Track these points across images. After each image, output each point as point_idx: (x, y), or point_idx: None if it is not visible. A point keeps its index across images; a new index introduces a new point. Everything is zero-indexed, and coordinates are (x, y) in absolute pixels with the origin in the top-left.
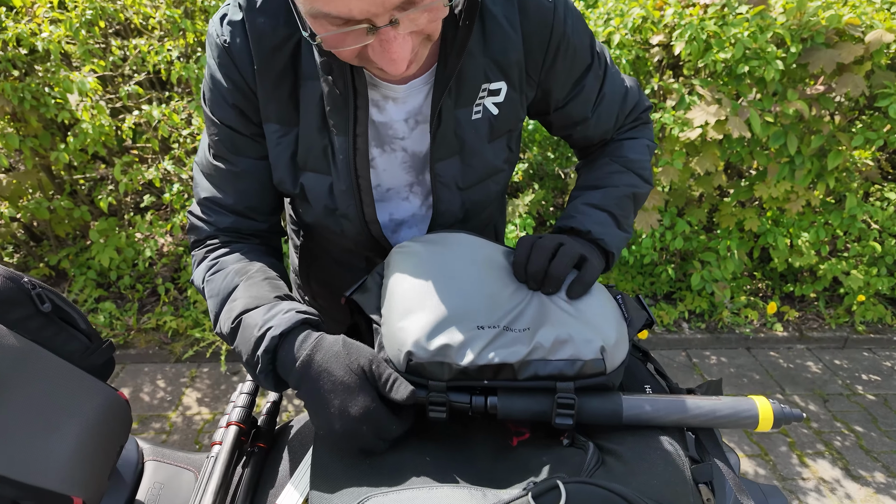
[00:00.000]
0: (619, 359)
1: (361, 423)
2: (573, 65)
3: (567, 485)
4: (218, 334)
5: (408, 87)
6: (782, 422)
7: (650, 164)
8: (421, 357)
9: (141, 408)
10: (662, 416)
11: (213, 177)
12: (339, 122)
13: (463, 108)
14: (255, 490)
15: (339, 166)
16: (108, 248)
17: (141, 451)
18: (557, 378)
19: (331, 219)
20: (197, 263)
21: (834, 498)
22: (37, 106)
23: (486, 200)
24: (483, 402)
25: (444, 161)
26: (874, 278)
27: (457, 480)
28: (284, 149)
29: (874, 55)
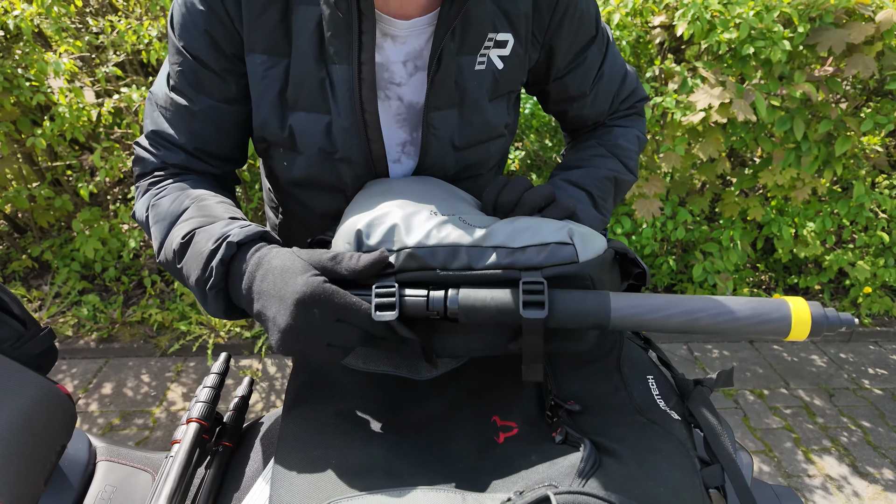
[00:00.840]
0: (593, 251)
1: (310, 304)
2: (578, 32)
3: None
4: (161, 263)
5: (410, 25)
6: (823, 329)
7: (637, 156)
8: (369, 245)
9: (124, 403)
10: (663, 317)
11: (167, 111)
12: (341, 48)
13: (467, 55)
14: (219, 492)
15: (339, 101)
16: (91, 239)
17: (93, 451)
18: (521, 268)
19: (326, 166)
20: (141, 195)
21: (841, 496)
22: (10, 88)
23: (482, 165)
24: (442, 297)
25: (440, 112)
26: (881, 269)
27: (433, 482)
28: (271, 83)
29: (885, 35)
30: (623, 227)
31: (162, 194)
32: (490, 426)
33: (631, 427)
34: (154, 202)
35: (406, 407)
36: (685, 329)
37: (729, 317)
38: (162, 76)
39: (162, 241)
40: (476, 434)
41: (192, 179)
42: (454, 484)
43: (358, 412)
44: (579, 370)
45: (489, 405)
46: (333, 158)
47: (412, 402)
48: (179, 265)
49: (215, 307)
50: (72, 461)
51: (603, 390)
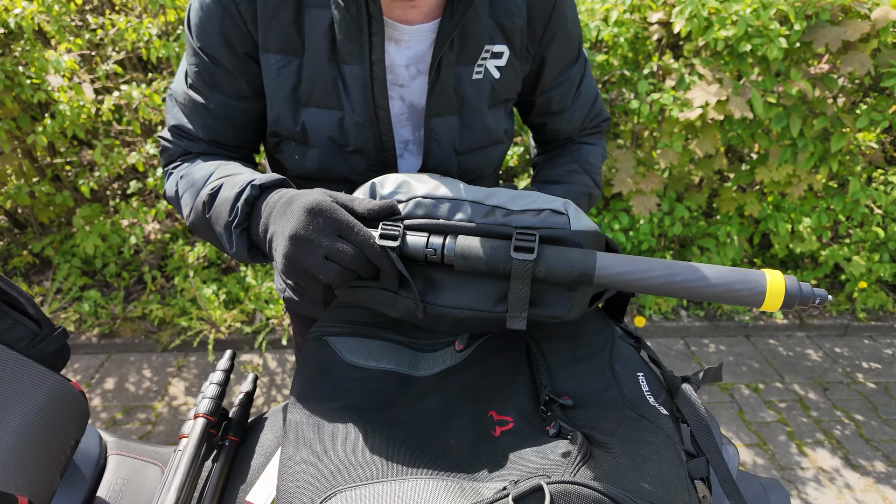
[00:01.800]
0: (584, 225)
1: (316, 212)
2: (565, 50)
3: (551, 485)
4: (192, 224)
5: (413, 30)
6: (796, 301)
7: (601, 169)
8: (382, 194)
9: (126, 398)
10: (645, 276)
11: (185, 107)
12: (352, 50)
13: (464, 65)
14: (226, 485)
15: (353, 98)
16: (92, 235)
17: (104, 445)
18: (516, 227)
19: (338, 158)
20: (168, 176)
21: (833, 488)
22: (11, 86)
23: (483, 169)
24: (441, 241)
25: (441, 118)
26: (876, 264)
27: (432, 472)
28: (285, 80)
29: (880, 33)
30: (621, 223)
31: (190, 166)
32: (487, 420)
33: (621, 421)
34: (184, 174)
35: (406, 402)
36: (664, 289)
37: (706, 281)
38: (180, 74)
39: (192, 203)
40: (473, 428)
41: (219, 155)
42: (452, 474)
43: (359, 407)
44: (573, 368)
45: (486, 401)
46: (345, 151)
47: (411, 398)
48: (208, 215)
49: (238, 246)
50: (84, 455)
51: (595, 387)
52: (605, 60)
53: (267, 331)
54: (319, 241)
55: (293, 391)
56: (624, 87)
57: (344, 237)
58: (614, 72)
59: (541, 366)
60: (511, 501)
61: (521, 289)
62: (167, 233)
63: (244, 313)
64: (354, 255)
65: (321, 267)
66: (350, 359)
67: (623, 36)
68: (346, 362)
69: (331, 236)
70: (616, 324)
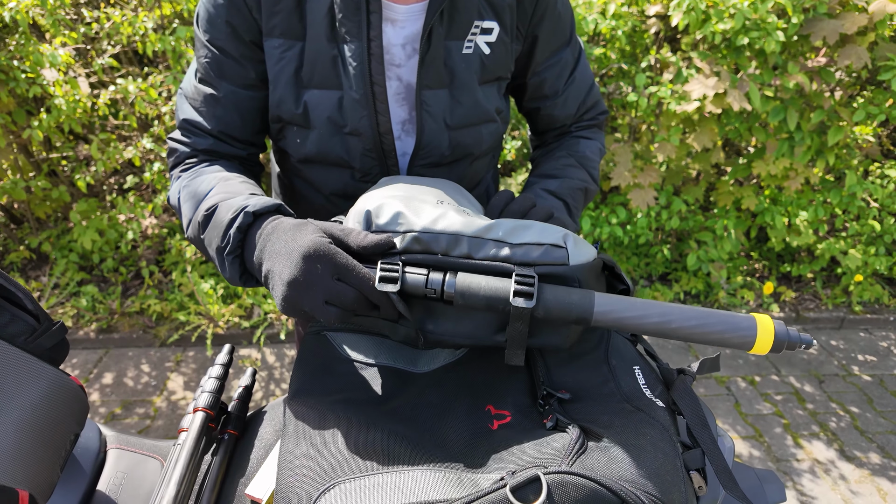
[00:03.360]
0: (584, 257)
1: (314, 258)
2: (556, 31)
3: (548, 475)
4: (189, 239)
5: (407, 10)
6: (784, 345)
7: (599, 165)
8: (378, 224)
9: (125, 393)
10: (640, 320)
11: (195, 101)
12: (351, 27)
13: (454, 39)
14: (225, 479)
15: (351, 75)
16: (89, 230)
17: (103, 439)
18: (516, 263)
19: (335, 140)
20: (174, 181)
21: (828, 479)
22: (6, 81)
23: (474, 147)
24: (441, 279)
25: (432, 90)
26: (872, 258)
27: (430, 463)
28: (287, 64)
29: (878, 26)
30: (618, 217)
31: (192, 176)
32: (484, 415)
33: (618, 414)
34: (186, 184)
35: (404, 397)
36: (659, 332)
37: (699, 322)
38: (190, 73)
39: (190, 217)
40: (471, 422)
41: (221, 164)
42: (450, 466)
43: (358, 401)
44: (570, 363)
45: (483, 396)
46: (343, 132)
47: (410, 394)
48: (202, 236)
49: (231, 273)
50: (84, 449)
51: (592, 381)
52: (602, 54)
53: (265, 325)
54: (319, 285)
55: (292, 385)
56: (622, 80)
57: (343, 280)
58: (612, 65)
59: (538, 361)
60: (508, 492)
61: (520, 328)
62: (164, 228)
63: (242, 308)
64: (354, 297)
65: (321, 310)
66: (349, 354)
67: (621, 29)
68: (344, 357)
69: (330, 280)
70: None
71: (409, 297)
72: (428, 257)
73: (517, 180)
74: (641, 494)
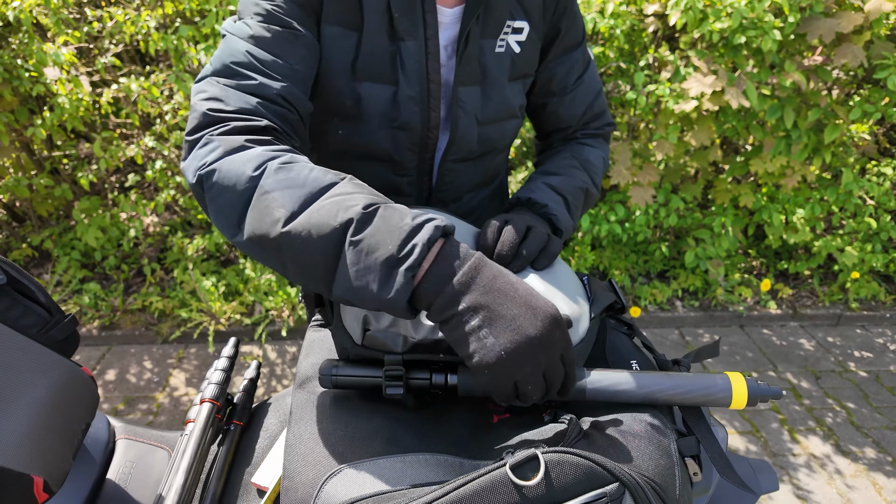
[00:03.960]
0: (579, 334)
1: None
2: (569, 30)
3: (546, 455)
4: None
5: (452, 13)
6: (757, 399)
7: (602, 176)
8: (377, 327)
9: (128, 389)
10: (629, 391)
11: (263, 40)
12: (409, 27)
13: (488, 38)
14: (231, 468)
15: (408, 71)
16: (92, 228)
17: (112, 430)
18: None
19: (383, 133)
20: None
21: (824, 473)
22: (9, 79)
23: (500, 142)
24: (443, 379)
25: (466, 87)
26: (869, 255)
27: (433, 451)
28: (344, 54)
29: (874, 24)
30: (617, 215)
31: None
32: (484, 410)
33: (615, 407)
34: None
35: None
36: (648, 400)
37: (682, 390)
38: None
39: (303, 204)
40: (472, 416)
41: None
42: (452, 452)
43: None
44: None
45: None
46: (392, 126)
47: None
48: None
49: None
50: (94, 439)
51: None
52: (601, 52)
53: (266, 322)
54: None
55: (299, 374)
56: (620, 78)
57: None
58: (610, 63)
59: None
60: (508, 469)
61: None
62: (166, 225)
63: (244, 305)
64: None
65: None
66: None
67: (619, 28)
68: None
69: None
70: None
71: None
72: (429, 356)
73: (517, 178)
74: (636, 476)
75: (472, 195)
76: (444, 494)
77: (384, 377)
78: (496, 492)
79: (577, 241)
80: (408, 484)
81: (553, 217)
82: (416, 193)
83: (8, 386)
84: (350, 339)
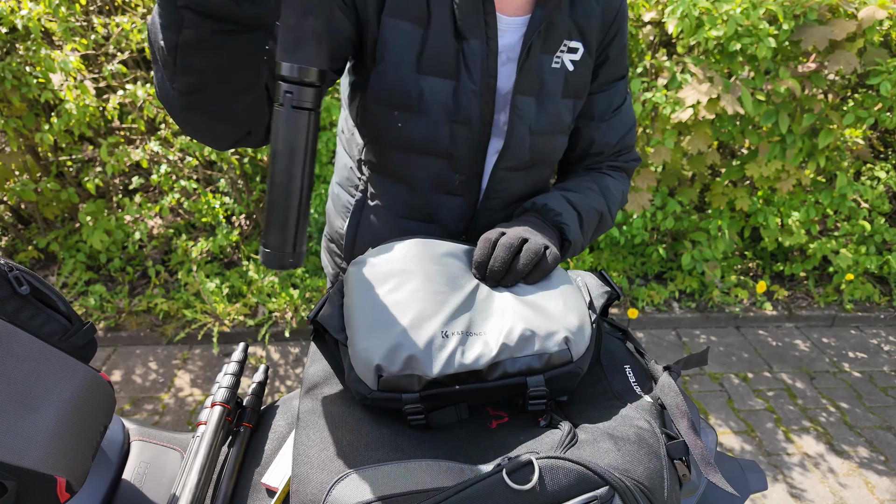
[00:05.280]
0: (583, 344)
1: None
2: (617, 59)
3: (540, 460)
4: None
5: (509, 21)
6: None
7: (618, 208)
8: (391, 372)
9: (133, 390)
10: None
11: None
12: (472, 26)
13: (546, 54)
14: (241, 469)
15: (471, 68)
16: (97, 231)
17: (127, 432)
18: (526, 373)
19: (443, 128)
20: None
21: (818, 472)
22: (18, 86)
23: (550, 155)
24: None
25: (524, 97)
26: (863, 257)
27: (434, 456)
28: (410, 49)
29: (867, 32)
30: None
31: None
32: (483, 415)
33: (608, 410)
34: None
35: None
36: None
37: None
38: None
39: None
40: (471, 422)
41: None
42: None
43: None
44: None
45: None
46: (451, 120)
47: None
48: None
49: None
50: (110, 441)
51: (585, 381)
52: None
53: (270, 324)
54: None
55: (306, 381)
56: None
57: None
58: None
59: None
60: (504, 474)
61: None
62: (170, 228)
63: (247, 306)
64: None
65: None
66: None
67: None
68: None
69: None
70: (603, 319)
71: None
72: (445, 390)
73: None
74: (626, 479)
75: (518, 206)
76: (445, 498)
77: (406, 414)
78: (494, 496)
79: None
80: (411, 488)
81: (565, 227)
82: (467, 195)
83: (35, 392)
84: (366, 387)
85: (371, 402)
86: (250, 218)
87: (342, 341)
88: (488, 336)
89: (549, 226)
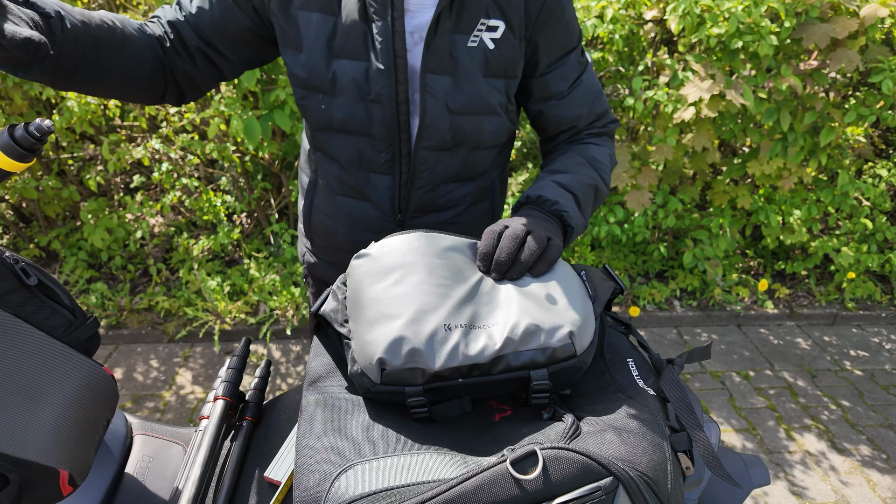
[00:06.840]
0: (587, 338)
1: None
2: (562, 36)
3: (544, 451)
4: None
5: (421, 2)
6: None
7: (610, 173)
8: (394, 365)
9: (135, 387)
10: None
11: None
12: (379, 8)
13: (460, 33)
14: (244, 463)
15: (378, 48)
16: (98, 229)
17: (129, 426)
18: (529, 367)
19: (359, 107)
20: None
21: (819, 470)
22: (20, 83)
23: (475, 136)
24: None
25: (435, 75)
26: (864, 255)
27: (437, 449)
28: (322, 35)
29: (868, 30)
30: (616, 216)
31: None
32: (487, 409)
33: (612, 403)
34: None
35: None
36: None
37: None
38: None
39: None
40: (475, 415)
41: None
42: (456, 449)
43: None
44: None
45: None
46: (367, 100)
47: None
48: None
49: None
50: (113, 435)
51: (588, 375)
52: (600, 57)
53: (271, 321)
54: None
55: (309, 374)
56: (619, 83)
57: None
58: (609, 68)
59: None
60: (508, 465)
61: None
62: (171, 226)
63: (248, 304)
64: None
65: None
66: None
67: (618, 33)
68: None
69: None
70: (606, 313)
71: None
72: (448, 383)
73: (517, 180)
74: (630, 470)
75: (451, 188)
76: (449, 488)
77: (409, 406)
78: (497, 485)
79: (577, 241)
80: (416, 480)
81: (564, 214)
82: (394, 174)
83: (39, 386)
84: (369, 380)
85: (374, 395)
86: (251, 216)
87: (345, 335)
88: (492, 329)
89: (548, 216)
